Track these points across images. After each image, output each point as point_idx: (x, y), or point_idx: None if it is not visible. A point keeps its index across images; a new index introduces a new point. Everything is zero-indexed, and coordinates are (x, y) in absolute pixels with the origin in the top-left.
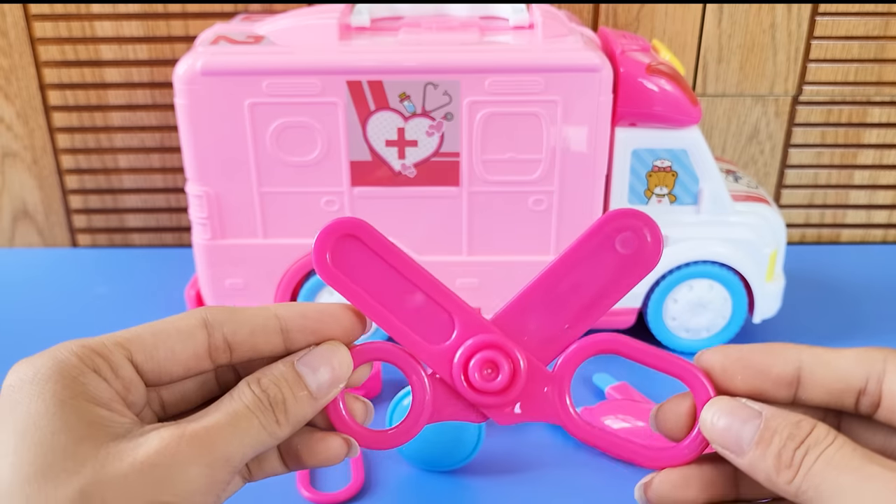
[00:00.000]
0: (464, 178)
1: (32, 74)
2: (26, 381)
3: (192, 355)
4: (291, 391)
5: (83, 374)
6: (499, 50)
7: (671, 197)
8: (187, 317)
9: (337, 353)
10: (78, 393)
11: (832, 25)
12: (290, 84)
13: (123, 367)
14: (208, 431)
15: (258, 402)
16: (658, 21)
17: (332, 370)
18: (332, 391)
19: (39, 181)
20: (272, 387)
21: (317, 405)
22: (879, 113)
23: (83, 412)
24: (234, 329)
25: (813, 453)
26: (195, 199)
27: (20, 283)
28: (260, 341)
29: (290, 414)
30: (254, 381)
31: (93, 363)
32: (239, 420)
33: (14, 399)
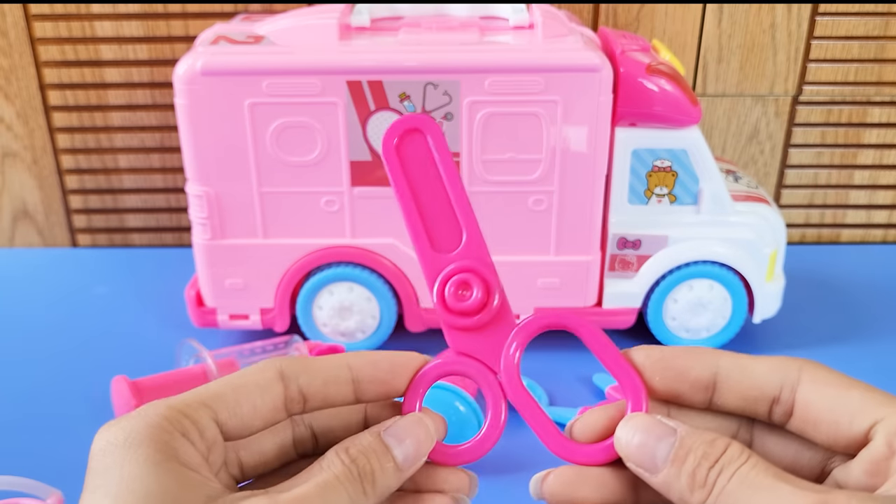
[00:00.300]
0: (464, 179)
1: (32, 74)
2: (118, 445)
3: (272, 408)
4: (379, 462)
5: (173, 437)
6: (499, 50)
7: (671, 197)
8: (264, 370)
9: (422, 425)
10: (170, 456)
11: (832, 25)
12: (290, 84)
13: (209, 428)
14: (299, 500)
15: (347, 473)
16: (658, 21)
17: (417, 443)
18: (417, 464)
19: (39, 181)
20: (361, 457)
21: (401, 477)
22: (879, 113)
23: (176, 475)
24: (308, 381)
25: (727, 472)
26: (195, 199)
27: (20, 282)
28: (332, 392)
29: (378, 485)
30: (342, 451)
31: (181, 426)
32: (328, 491)
33: (106, 463)
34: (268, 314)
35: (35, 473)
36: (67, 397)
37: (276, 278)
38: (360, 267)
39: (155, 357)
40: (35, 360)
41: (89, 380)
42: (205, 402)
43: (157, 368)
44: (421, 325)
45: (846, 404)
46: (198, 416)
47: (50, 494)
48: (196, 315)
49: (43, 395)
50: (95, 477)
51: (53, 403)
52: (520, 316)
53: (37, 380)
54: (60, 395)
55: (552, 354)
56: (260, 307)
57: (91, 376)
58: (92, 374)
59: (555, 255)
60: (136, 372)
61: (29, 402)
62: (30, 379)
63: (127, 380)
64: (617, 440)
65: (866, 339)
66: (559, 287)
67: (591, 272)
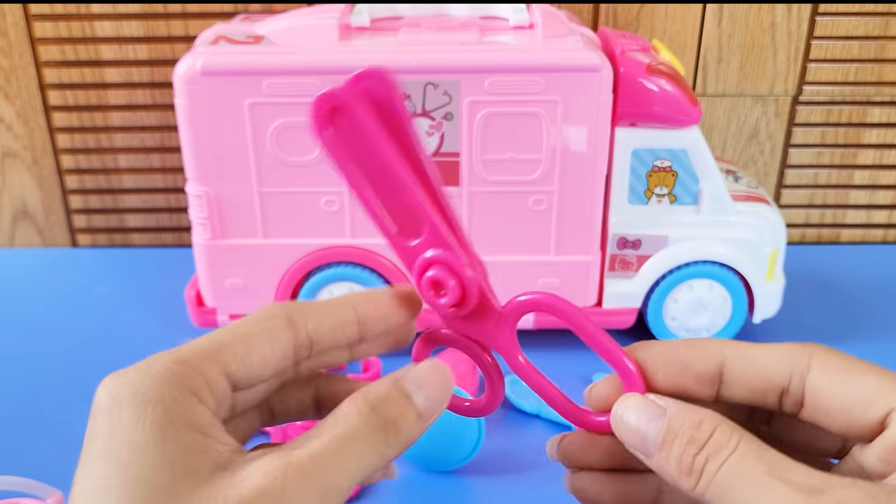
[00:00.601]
0: (464, 178)
1: (32, 74)
2: (123, 403)
3: (281, 356)
4: (400, 410)
5: (183, 395)
6: (499, 50)
7: (671, 197)
8: (272, 316)
9: (440, 371)
10: (177, 417)
11: (832, 25)
12: (290, 84)
13: (219, 383)
14: (313, 460)
15: (367, 423)
16: (658, 21)
17: (438, 389)
18: (438, 412)
19: (39, 181)
20: (381, 404)
21: (423, 426)
22: (879, 113)
23: (184, 441)
24: (316, 326)
25: (714, 461)
26: (195, 199)
27: (20, 282)
28: (339, 334)
29: (401, 435)
30: (360, 399)
31: (192, 383)
32: (346, 444)
33: (112, 423)
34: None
35: (34, 473)
36: (67, 397)
37: (276, 278)
38: (360, 267)
39: None
40: (35, 360)
41: (89, 380)
42: (215, 355)
43: None
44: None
45: (860, 391)
46: (208, 370)
47: (50, 495)
48: (196, 315)
49: (43, 395)
50: (98, 440)
51: (53, 403)
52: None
53: (36, 379)
54: (60, 395)
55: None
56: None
57: (91, 376)
58: (92, 374)
59: (555, 255)
60: None
61: (28, 402)
62: (29, 379)
63: None
64: (612, 421)
65: (866, 339)
66: (559, 287)
67: (591, 272)
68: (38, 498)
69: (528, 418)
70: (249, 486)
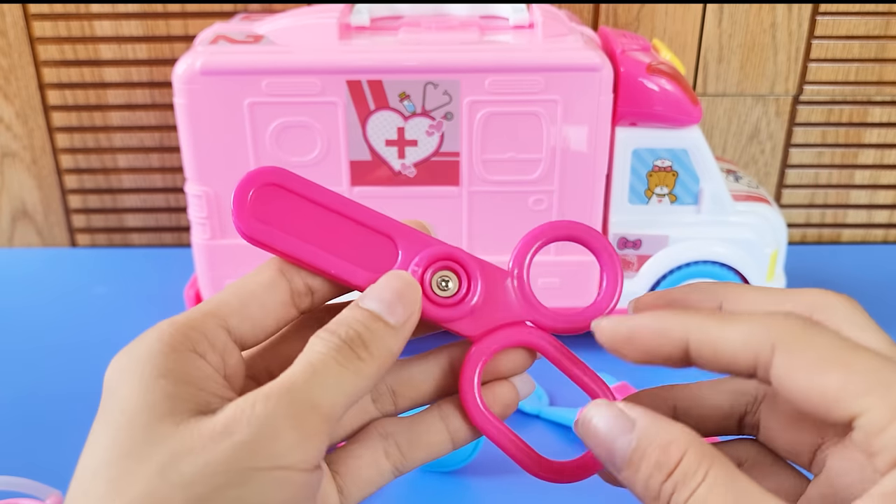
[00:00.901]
0: (464, 178)
1: (32, 74)
2: (121, 370)
3: (280, 304)
4: (364, 325)
5: (176, 352)
6: (499, 49)
7: (672, 197)
8: (264, 269)
9: (398, 277)
10: (168, 373)
11: (833, 25)
12: (289, 84)
13: (219, 337)
14: (283, 384)
15: (332, 345)
16: (658, 20)
17: (398, 292)
18: (409, 316)
19: (38, 181)
20: (341, 327)
21: (398, 335)
22: (880, 112)
23: (167, 390)
24: (308, 272)
25: (682, 492)
26: (194, 198)
27: (19, 282)
28: None
29: (371, 346)
30: (321, 330)
31: (188, 340)
32: (315, 366)
33: (109, 389)
34: None
35: (34, 473)
36: (66, 397)
37: None
38: None
39: None
40: (34, 360)
41: (88, 380)
42: (210, 312)
43: None
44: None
45: (821, 393)
46: (205, 326)
47: (49, 495)
48: None
49: (41, 395)
50: (100, 412)
51: (52, 403)
52: None
53: (35, 379)
54: (59, 395)
55: None
56: None
57: (90, 376)
58: (91, 373)
59: (555, 254)
60: None
61: (27, 402)
62: (28, 378)
63: None
64: (580, 429)
65: None
66: (559, 287)
67: (591, 272)
68: (36, 498)
69: (529, 418)
70: (222, 417)
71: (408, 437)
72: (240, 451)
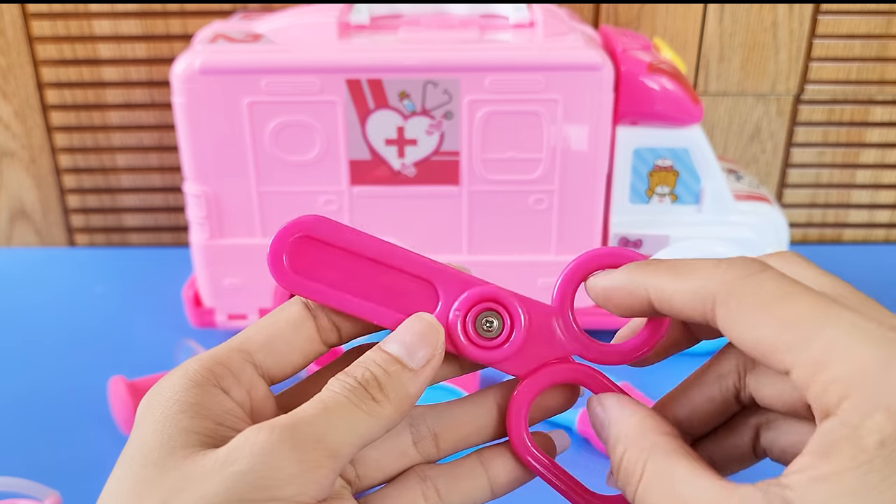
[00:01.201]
0: (464, 178)
1: (30, 73)
2: (147, 406)
3: (307, 341)
4: (381, 367)
5: (199, 388)
6: (499, 48)
7: (672, 196)
8: (289, 306)
9: (420, 320)
10: (186, 407)
11: (834, 24)
12: (288, 83)
13: (245, 371)
14: (291, 417)
15: (348, 386)
16: (659, 19)
17: (419, 335)
18: (431, 360)
19: (37, 180)
20: (358, 369)
21: (417, 378)
22: (882, 112)
23: (184, 425)
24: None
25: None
26: (193, 198)
27: (18, 282)
28: None
29: (387, 389)
30: (342, 372)
31: (212, 375)
32: (326, 404)
33: (135, 425)
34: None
35: (33, 474)
36: (64, 398)
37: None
38: None
39: (153, 357)
40: (32, 360)
41: (87, 380)
42: (237, 348)
43: (155, 369)
44: None
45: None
46: (230, 361)
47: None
48: (194, 315)
49: (40, 396)
50: (127, 440)
51: (50, 404)
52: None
53: (34, 380)
54: (57, 396)
55: None
56: (258, 307)
57: (88, 376)
58: (89, 374)
59: (555, 254)
60: (133, 372)
61: (26, 403)
62: (27, 379)
63: (125, 380)
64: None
65: None
66: None
67: None
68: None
69: None
70: (226, 448)
71: (446, 480)
72: (238, 482)
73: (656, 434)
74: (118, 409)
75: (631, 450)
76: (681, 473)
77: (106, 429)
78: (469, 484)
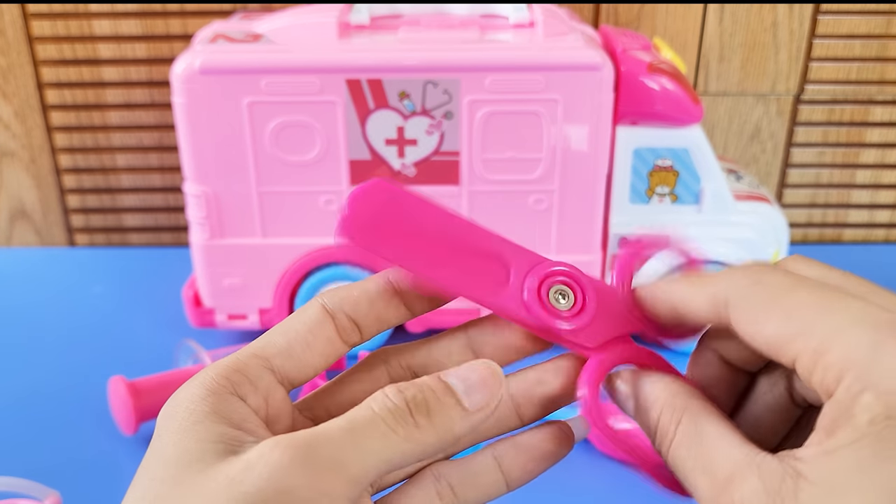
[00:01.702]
0: (464, 177)
1: (30, 73)
2: (165, 416)
3: (327, 342)
4: (435, 394)
5: (217, 396)
6: (499, 48)
7: (672, 196)
8: (307, 309)
9: (487, 365)
10: (205, 417)
11: (834, 24)
12: (288, 83)
13: (263, 377)
14: (316, 437)
15: (387, 406)
16: (659, 19)
17: (482, 379)
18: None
19: (37, 180)
20: (411, 389)
21: (469, 420)
22: (882, 112)
23: (200, 435)
24: (353, 306)
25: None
26: (193, 198)
27: (18, 282)
28: (381, 310)
29: (435, 417)
30: (391, 386)
31: (228, 383)
32: (356, 425)
33: (155, 435)
34: (266, 314)
35: (32, 473)
36: (64, 397)
37: (274, 278)
38: (360, 267)
39: (153, 357)
40: (32, 360)
41: (86, 380)
42: (254, 354)
43: (154, 369)
44: (421, 325)
45: (766, 342)
46: (247, 368)
47: (47, 496)
48: (194, 315)
49: (40, 396)
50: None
51: (50, 404)
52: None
53: (34, 380)
54: (57, 396)
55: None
56: (258, 307)
57: (88, 376)
58: (89, 374)
59: (556, 254)
60: (133, 372)
61: (26, 403)
62: (27, 379)
63: (124, 380)
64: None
65: None
66: None
67: (592, 272)
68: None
69: None
70: (240, 462)
71: (460, 477)
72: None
73: (687, 397)
74: (118, 409)
75: (665, 412)
76: (709, 433)
77: (106, 429)
78: (483, 479)
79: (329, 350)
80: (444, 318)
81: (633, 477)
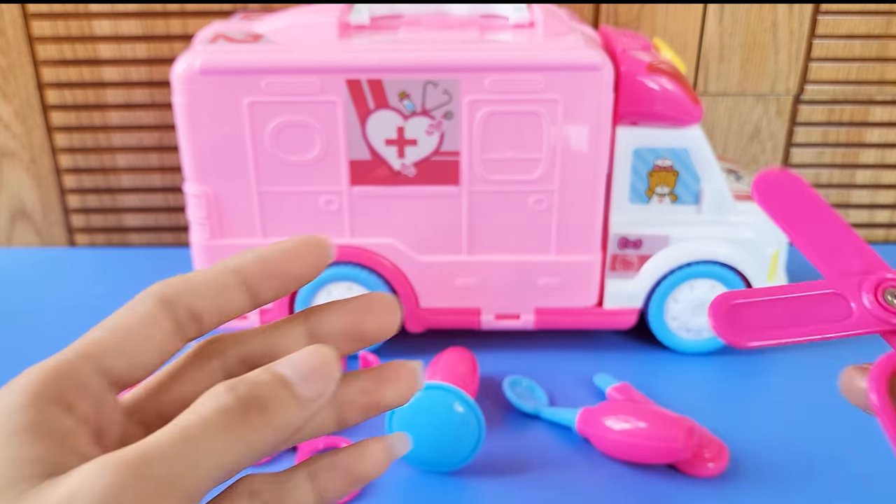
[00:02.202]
0: (464, 178)
1: (30, 73)
2: None
3: (163, 337)
4: (269, 388)
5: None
6: (499, 48)
7: (672, 196)
8: (142, 300)
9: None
10: (20, 429)
11: (834, 24)
12: (288, 83)
13: (92, 381)
14: (147, 454)
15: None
16: (659, 19)
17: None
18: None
19: (37, 181)
20: (242, 386)
21: (303, 411)
22: (881, 112)
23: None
24: (192, 298)
25: None
26: (193, 198)
27: (18, 282)
28: (223, 302)
29: (270, 412)
30: (221, 386)
31: (53, 389)
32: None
33: None
34: (266, 314)
35: None
36: None
37: None
38: (359, 267)
39: None
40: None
41: None
42: (83, 353)
43: None
44: (420, 325)
45: None
46: (76, 371)
47: None
48: None
49: None
50: None
51: None
52: None
53: None
54: None
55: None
56: None
57: None
58: None
59: (555, 254)
60: None
61: None
62: None
63: None
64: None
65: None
66: (560, 287)
67: (591, 272)
68: None
69: (528, 419)
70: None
71: (276, 495)
72: None
73: None
74: None
75: None
76: None
77: None
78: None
79: (166, 346)
80: (444, 318)
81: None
